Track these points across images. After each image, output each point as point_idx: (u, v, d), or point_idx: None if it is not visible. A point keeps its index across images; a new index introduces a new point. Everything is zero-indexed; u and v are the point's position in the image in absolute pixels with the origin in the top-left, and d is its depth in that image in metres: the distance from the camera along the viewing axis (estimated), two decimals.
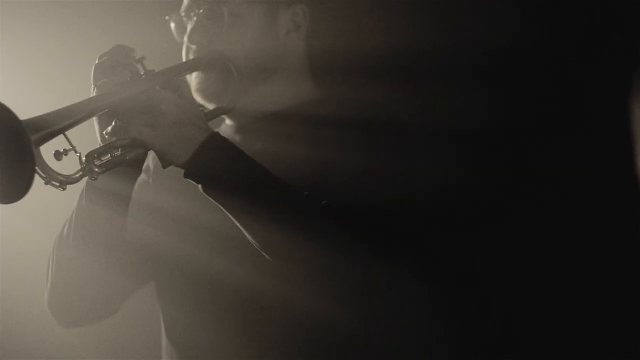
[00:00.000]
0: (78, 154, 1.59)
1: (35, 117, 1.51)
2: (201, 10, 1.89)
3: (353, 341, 1.81)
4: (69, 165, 1.61)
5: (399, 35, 2.26)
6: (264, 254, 1.68)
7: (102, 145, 1.67)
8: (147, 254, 1.92)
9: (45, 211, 2.30)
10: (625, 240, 2.25)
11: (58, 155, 1.57)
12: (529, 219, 2.32)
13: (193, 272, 1.87)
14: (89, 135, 1.74)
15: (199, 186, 1.67)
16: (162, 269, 1.93)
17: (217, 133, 1.70)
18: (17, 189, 1.47)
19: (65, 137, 1.58)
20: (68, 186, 1.59)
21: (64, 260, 1.84)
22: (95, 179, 1.61)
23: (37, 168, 1.50)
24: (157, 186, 1.95)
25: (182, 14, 1.94)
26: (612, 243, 2.27)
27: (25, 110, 1.50)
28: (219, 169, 1.66)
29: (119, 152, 1.65)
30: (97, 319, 1.92)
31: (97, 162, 1.62)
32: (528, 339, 2.34)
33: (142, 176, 1.95)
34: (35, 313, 2.69)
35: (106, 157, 1.64)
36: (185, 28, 1.93)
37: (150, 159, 1.98)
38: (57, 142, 1.58)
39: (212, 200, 1.68)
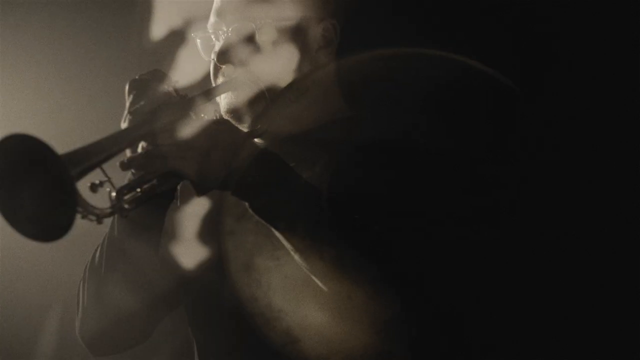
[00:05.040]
0: (109, 190, 1.54)
1: (74, 150, 1.47)
2: (230, 29, 1.83)
3: None
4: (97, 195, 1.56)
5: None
6: (307, 270, 1.63)
7: (133, 179, 1.62)
8: (178, 280, 1.87)
9: None
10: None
11: (94, 187, 1.53)
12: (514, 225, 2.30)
13: (221, 298, 1.82)
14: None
15: (247, 204, 1.63)
16: (192, 296, 1.89)
17: (267, 149, 1.67)
18: (57, 226, 1.42)
19: (102, 169, 1.53)
20: None
21: (96, 290, 1.80)
22: (126, 216, 1.57)
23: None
24: (184, 211, 1.90)
25: (210, 31, 1.87)
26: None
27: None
28: (271, 183, 1.63)
29: (151, 184, 1.61)
30: (130, 347, 1.88)
31: (128, 197, 1.58)
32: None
33: None
34: (35, 313, 2.68)
35: (138, 191, 1.60)
36: (212, 46, 1.87)
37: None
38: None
39: (259, 216, 1.63)
